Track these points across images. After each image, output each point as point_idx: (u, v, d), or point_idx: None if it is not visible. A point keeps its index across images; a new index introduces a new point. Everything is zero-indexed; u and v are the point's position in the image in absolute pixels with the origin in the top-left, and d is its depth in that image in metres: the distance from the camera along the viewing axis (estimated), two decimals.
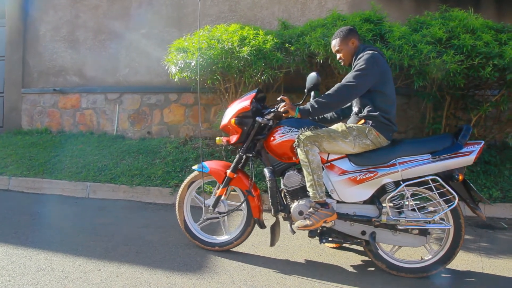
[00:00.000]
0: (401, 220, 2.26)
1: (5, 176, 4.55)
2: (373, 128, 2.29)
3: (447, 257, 2.32)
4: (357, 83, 2.23)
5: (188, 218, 2.78)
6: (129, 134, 5.86)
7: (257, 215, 2.57)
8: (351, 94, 2.28)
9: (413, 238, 2.30)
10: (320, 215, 2.27)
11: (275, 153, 2.52)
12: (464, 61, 3.36)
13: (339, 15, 3.99)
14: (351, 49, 2.42)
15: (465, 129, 2.24)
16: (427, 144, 2.28)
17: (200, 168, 2.65)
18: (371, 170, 2.30)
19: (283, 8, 5.34)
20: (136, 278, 2.27)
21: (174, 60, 4.09)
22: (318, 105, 2.25)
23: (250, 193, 2.57)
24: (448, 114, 4.18)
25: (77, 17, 6.16)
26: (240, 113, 2.51)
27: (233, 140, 2.58)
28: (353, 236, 2.38)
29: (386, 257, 2.39)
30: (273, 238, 2.55)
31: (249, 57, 3.71)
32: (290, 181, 2.47)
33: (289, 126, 2.47)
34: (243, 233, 2.64)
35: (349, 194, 2.34)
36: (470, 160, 2.21)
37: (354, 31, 2.46)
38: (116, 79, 5.98)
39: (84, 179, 4.35)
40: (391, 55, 3.37)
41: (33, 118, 6.40)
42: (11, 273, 2.28)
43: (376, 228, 2.33)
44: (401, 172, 2.25)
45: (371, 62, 2.24)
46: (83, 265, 2.43)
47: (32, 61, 6.41)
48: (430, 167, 2.23)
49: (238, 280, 2.27)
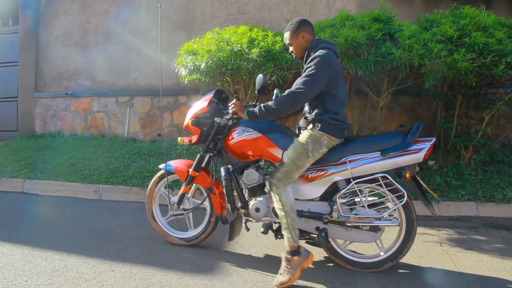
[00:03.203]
0: (351, 217, 2.31)
1: (20, 179, 4.64)
2: (323, 132, 2.26)
3: (398, 252, 2.36)
4: (307, 90, 2.17)
5: (157, 214, 2.91)
6: (140, 136, 5.93)
7: (219, 212, 2.67)
8: (300, 101, 2.25)
9: (365, 234, 2.35)
10: (294, 266, 2.20)
11: (233, 152, 2.56)
12: (475, 59, 3.32)
13: (347, 15, 3.97)
14: (301, 43, 2.36)
15: (415, 127, 2.27)
16: (377, 142, 2.30)
17: (165, 167, 2.78)
18: (322, 168, 2.34)
19: (292, 9, 5.35)
20: (149, 278, 2.29)
21: (183, 62, 4.13)
22: (266, 110, 2.24)
23: (211, 191, 2.67)
24: (460, 113, 4.13)
25: (88, 22, 6.26)
26: (199, 114, 2.61)
27: (194, 140, 2.66)
28: (308, 232, 2.43)
29: (341, 252, 2.45)
30: (232, 233, 2.63)
31: (258, 58, 3.72)
32: (248, 179, 2.52)
33: (245, 126, 2.50)
34: (207, 229, 2.76)
35: (302, 191, 2.40)
36: (419, 158, 2.22)
37: (305, 23, 2.37)
38: (127, 82, 6.06)
39: (96, 182, 4.42)
40: (401, 54, 3.35)
41: (46, 122, 6.52)
42: (27, 274, 2.33)
43: (327, 225, 2.38)
44: (350, 170, 2.29)
45: (321, 65, 2.17)
46: (96, 266, 2.46)
47: (44, 66, 6.53)
48: (379, 164, 2.26)
49: (249, 281, 2.28)
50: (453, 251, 2.75)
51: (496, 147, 4.25)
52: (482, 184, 3.80)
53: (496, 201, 3.59)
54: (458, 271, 2.43)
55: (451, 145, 4.19)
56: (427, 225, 3.34)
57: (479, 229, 3.26)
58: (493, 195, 3.65)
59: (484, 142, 4.06)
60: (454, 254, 2.70)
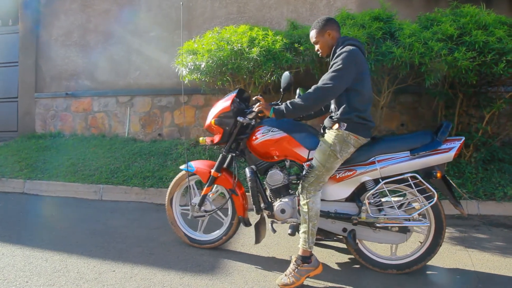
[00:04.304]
0: (380, 218, 2.27)
1: (20, 179, 4.64)
2: (350, 132, 2.22)
3: (428, 253, 2.32)
4: (334, 85, 2.14)
5: (178, 217, 2.86)
6: (140, 136, 5.92)
7: (241, 213, 2.62)
8: (327, 96, 2.19)
9: (394, 235, 2.32)
10: (301, 272, 2.20)
11: (257, 152, 2.52)
12: (476, 58, 3.32)
13: (348, 14, 3.97)
14: (328, 40, 2.33)
15: (445, 126, 2.23)
16: (406, 142, 2.26)
17: (187, 168, 2.72)
18: (350, 168, 2.30)
19: (292, 8, 5.34)
20: (150, 279, 2.29)
21: (184, 62, 4.12)
22: (292, 107, 2.20)
23: (234, 192, 2.62)
24: (461, 112, 4.12)
25: (88, 22, 6.25)
26: (221, 113, 2.53)
27: (216, 140, 2.61)
28: (335, 233, 2.40)
29: (368, 253, 2.41)
30: (258, 235, 2.55)
31: (259, 58, 3.71)
32: (272, 179, 2.47)
33: (270, 126, 2.46)
34: (229, 231, 2.71)
35: (329, 192, 2.36)
36: (449, 157, 2.19)
37: (332, 21, 2.34)
38: (127, 82, 6.06)
39: (97, 182, 4.42)
40: (401, 53, 3.34)
41: (46, 122, 6.51)
42: (28, 274, 2.33)
43: (355, 226, 2.34)
44: (379, 170, 2.25)
45: (348, 61, 2.14)
46: (97, 266, 2.46)
47: (44, 66, 6.52)
48: (408, 164, 2.22)
49: (251, 280, 2.28)
50: (454, 250, 2.75)
51: (496, 146, 4.25)
52: (483, 183, 3.80)
53: (497, 200, 3.59)
54: (460, 269, 2.43)
55: None
56: None
57: (480, 227, 3.26)
58: (494, 193, 3.65)
59: (485, 140, 4.06)
60: (455, 252, 2.70)
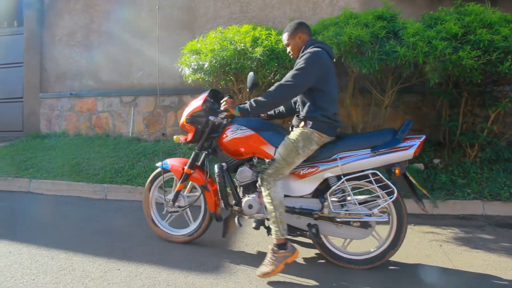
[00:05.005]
0: (341, 213, 2.34)
1: (26, 179, 4.67)
2: (314, 130, 2.31)
3: (389, 249, 2.37)
4: (295, 83, 2.24)
5: (154, 213, 2.95)
6: (144, 136, 5.94)
7: (213, 209, 2.71)
8: (289, 94, 2.29)
9: (356, 230, 2.38)
10: (279, 259, 2.27)
11: (227, 149, 2.62)
12: (481, 57, 3.29)
13: (351, 13, 3.96)
14: (298, 43, 2.44)
15: (405, 124, 2.30)
16: (368, 140, 2.33)
17: (162, 165, 2.84)
18: (313, 165, 2.38)
19: (295, 8, 5.33)
20: (155, 277, 2.30)
21: (187, 62, 4.13)
22: (256, 104, 2.30)
23: (205, 188, 2.71)
24: (465, 112, 4.10)
25: (92, 22, 6.28)
26: (193, 112, 2.65)
27: (189, 138, 2.72)
28: (301, 228, 2.47)
29: (333, 249, 2.47)
30: (226, 229, 2.69)
31: (262, 57, 3.71)
32: (242, 176, 2.55)
33: (239, 124, 2.56)
34: (201, 225, 2.80)
35: (293, 188, 2.44)
36: (409, 155, 2.25)
37: (302, 25, 2.46)
38: (131, 82, 6.08)
39: (101, 181, 4.44)
40: (405, 52, 3.32)
41: (51, 122, 6.55)
42: (34, 272, 2.35)
43: (317, 221, 2.42)
44: (341, 166, 2.32)
45: (311, 61, 2.24)
46: (102, 265, 2.48)
47: (49, 66, 6.56)
48: (369, 161, 2.29)
49: (255, 280, 2.28)
50: (460, 250, 2.74)
51: (502, 145, 4.21)
52: (488, 183, 3.78)
53: (502, 200, 3.57)
54: (465, 270, 2.42)
55: (457, 144, 4.16)
56: (432, 224, 3.32)
57: (485, 228, 3.24)
58: (499, 193, 3.63)
59: (490, 140, 4.03)
60: (460, 253, 2.69)
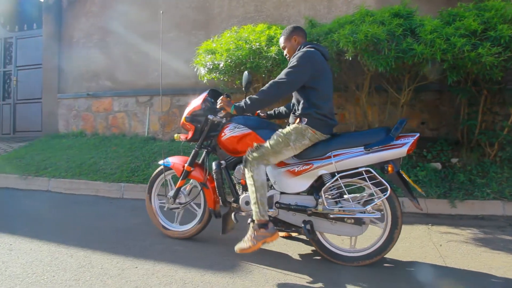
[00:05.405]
0: (334, 209, 2.35)
1: (45, 178, 4.78)
2: (309, 126, 2.36)
3: (384, 246, 2.37)
4: (288, 80, 2.31)
5: (161, 219, 3.02)
6: (159, 135, 6.01)
7: (212, 206, 2.77)
8: (282, 91, 2.35)
9: (350, 227, 2.38)
10: (258, 237, 2.34)
11: (225, 147, 2.68)
12: (501, 53, 3.21)
13: (367, 11, 3.91)
14: (294, 45, 2.53)
15: (399, 122, 2.30)
16: (361, 137, 2.35)
17: (163, 163, 2.92)
18: (308, 162, 2.42)
19: (309, 6, 5.31)
20: (172, 275, 2.32)
21: (202, 61, 4.16)
22: (251, 102, 2.38)
23: (205, 185, 2.78)
24: (485, 110, 4.01)
25: (108, 23, 6.38)
26: (193, 111, 2.73)
27: (188, 137, 2.79)
28: (296, 225, 2.49)
29: (328, 246, 2.48)
30: (224, 226, 2.72)
31: (277, 56, 3.71)
32: (240, 173, 2.63)
33: (237, 123, 2.63)
34: (201, 222, 2.85)
35: (288, 185, 2.48)
36: (402, 152, 2.25)
37: (298, 29, 2.56)
38: (146, 82, 6.15)
39: (118, 180, 4.51)
40: (422, 49, 3.27)
41: (69, 122, 6.69)
42: (54, 269, 2.40)
43: (312, 217, 2.43)
44: (335, 164, 2.34)
45: (303, 59, 2.31)
46: (120, 262, 2.52)
47: (66, 67, 6.70)
48: (363, 159, 2.30)
49: (271, 279, 2.28)
50: (479, 251, 2.68)
51: None
52: (509, 182, 3.68)
53: None
54: (485, 272, 2.37)
55: (475, 143, 4.07)
56: (451, 224, 3.27)
57: (506, 228, 3.16)
58: None
59: (510, 138, 3.93)
60: (480, 254, 2.63)
